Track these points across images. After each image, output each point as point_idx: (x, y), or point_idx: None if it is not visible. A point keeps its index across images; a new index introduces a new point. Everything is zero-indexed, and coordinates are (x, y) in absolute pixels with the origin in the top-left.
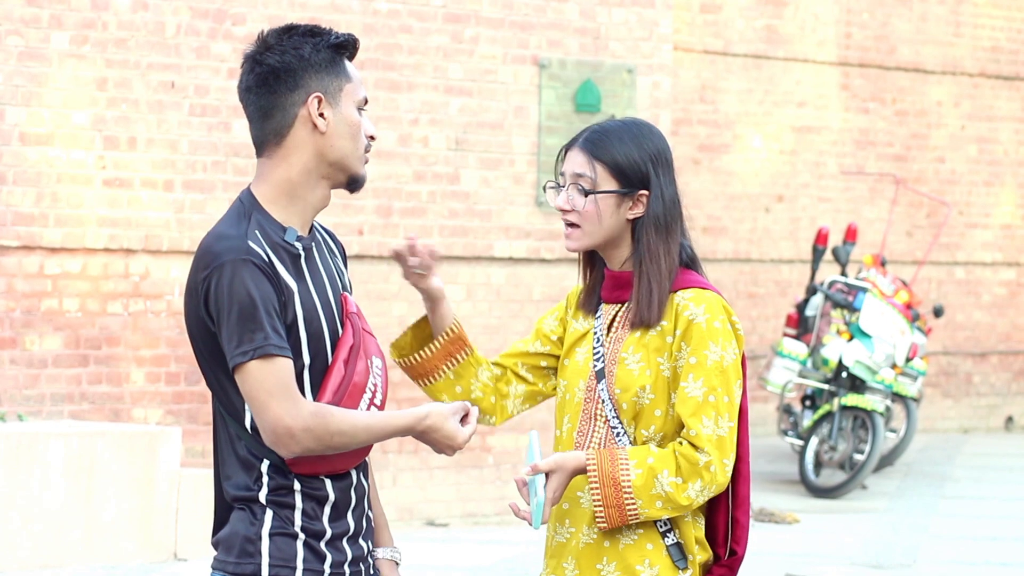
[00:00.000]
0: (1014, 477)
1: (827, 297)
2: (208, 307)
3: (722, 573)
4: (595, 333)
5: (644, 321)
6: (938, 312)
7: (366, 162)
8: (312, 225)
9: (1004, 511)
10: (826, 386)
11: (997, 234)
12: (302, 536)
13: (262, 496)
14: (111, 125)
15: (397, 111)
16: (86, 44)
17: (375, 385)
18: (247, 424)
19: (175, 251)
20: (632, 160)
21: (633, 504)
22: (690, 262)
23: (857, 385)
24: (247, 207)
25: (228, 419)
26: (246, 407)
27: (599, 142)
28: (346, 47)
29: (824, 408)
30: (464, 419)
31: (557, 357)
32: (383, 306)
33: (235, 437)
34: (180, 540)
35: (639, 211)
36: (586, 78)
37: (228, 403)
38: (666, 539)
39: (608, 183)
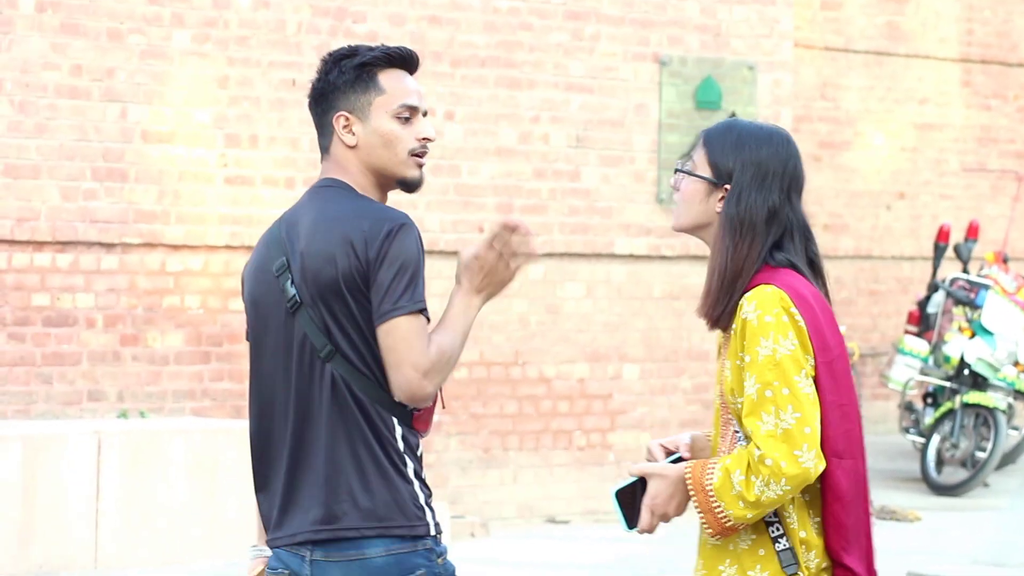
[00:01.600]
0: None
1: (949, 294)
2: (374, 263)
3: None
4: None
5: (701, 315)
6: None
7: (420, 165)
8: None
9: None
10: (948, 383)
11: None
12: (426, 492)
13: (400, 459)
14: (232, 123)
15: (518, 108)
16: (207, 42)
17: None
18: (381, 384)
19: None
20: (726, 155)
21: (719, 506)
22: (797, 270)
23: (979, 382)
24: (358, 193)
25: (366, 386)
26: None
27: (714, 132)
28: (377, 63)
29: (946, 405)
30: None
31: None
32: (504, 303)
33: (368, 412)
34: None
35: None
36: (707, 75)
37: (374, 368)
38: (777, 544)
39: (703, 170)
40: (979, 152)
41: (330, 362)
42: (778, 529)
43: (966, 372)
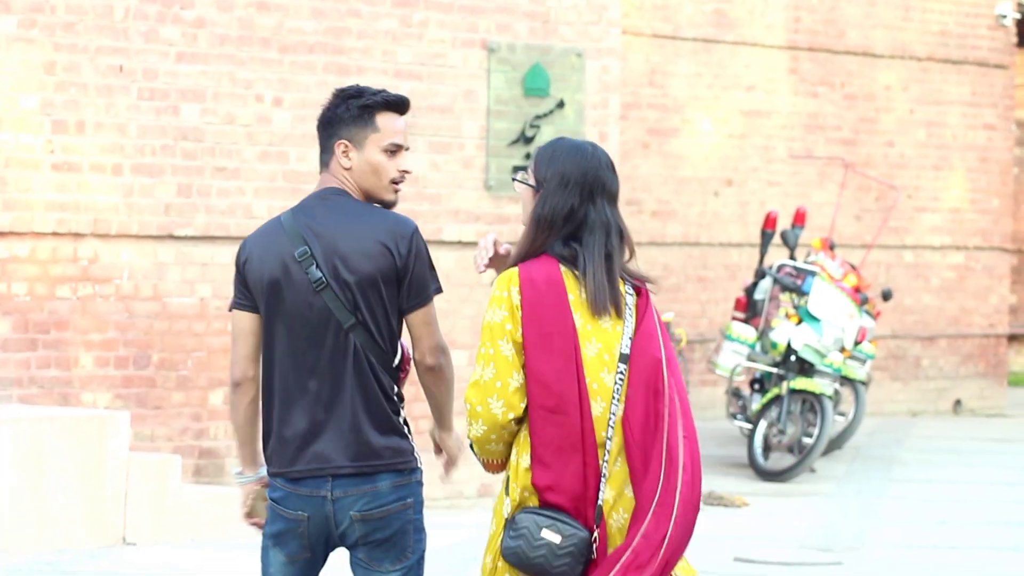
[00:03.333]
0: (962, 460)
1: (776, 281)
2: (407, 260)
3: (546, 501)
4: None
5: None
6: (886, 296)
7: (396, 191)
8: None
9: (952, 494)
10: (775, 370)
11: (945, 218)
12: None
13: (397, 411)
14: (59, 109)
15: None
16: (34, 28)
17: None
18: (389, 353)
19: (124, 235)
20: (542, 167)
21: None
22: (568, 260)
23: (806, 368)
24: (363, 202)
25: (380, 355)
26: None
27: (540, 148)
28: (377, 107)
29: (773, 391)
30: None
31: None
32: None
33: (379, 374)
34: (129, 524)
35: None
36: (535, 62)
37: (387, 341)
38: (507, 471)
39: (532, 179)
40: (806, 139)
41: (352, 333)
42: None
43: (793, 358)
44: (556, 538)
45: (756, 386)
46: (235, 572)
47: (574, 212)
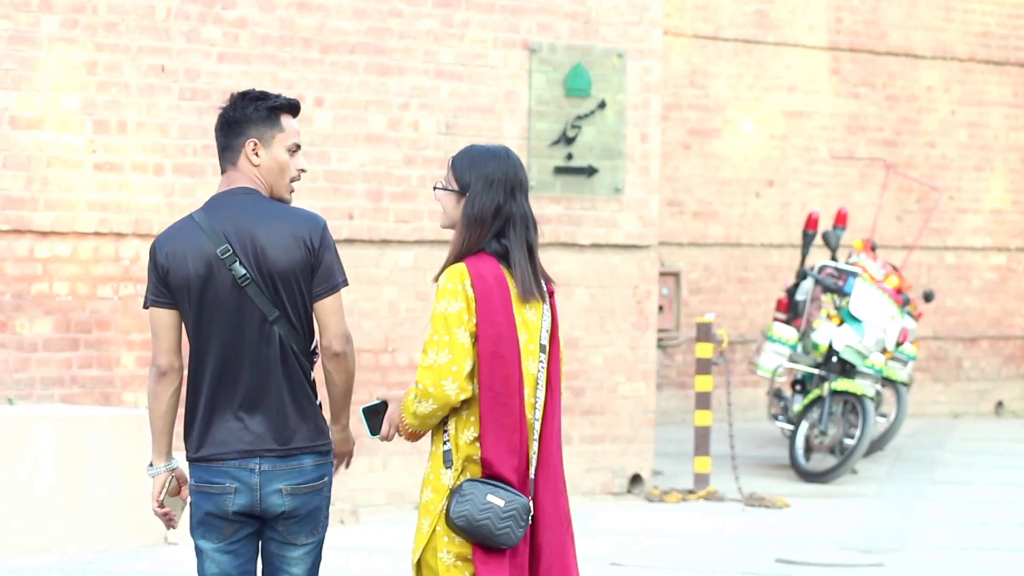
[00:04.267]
0: (1003, 462)
1: (817, 282)
2: (319, 252)
3: (487, 473)
4: None
5: (435, 281)
6: (928, 297)
7: (292, 191)
8: None
9: (993, 496)
10: (816, 371)
11: (987, 219)
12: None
13: (315, 394)
14: (101, 109)
15: (387, 95)
16: (76, 28)
17: None
18: (307, 339)
19: None
20: (464, 172)
21: (404, 417)
22: (500, 256)
23: (847, 370)
24: (270, 199)
25: (300, 343)
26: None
27: (457, 156)
28: (282, 108)
29: (814, 393)
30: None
31: None
32: (373, 290)
33: (301, 362)
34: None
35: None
36: (576, 62)
37: (306, 329)
38: (444, 447)
39: (452, 185)
40: (847, 140)
41: (276, 324)
42: (445, 436)
43: (834, 359)
44: (500, 502)
45: (797, 387)
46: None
47: (500, 209)
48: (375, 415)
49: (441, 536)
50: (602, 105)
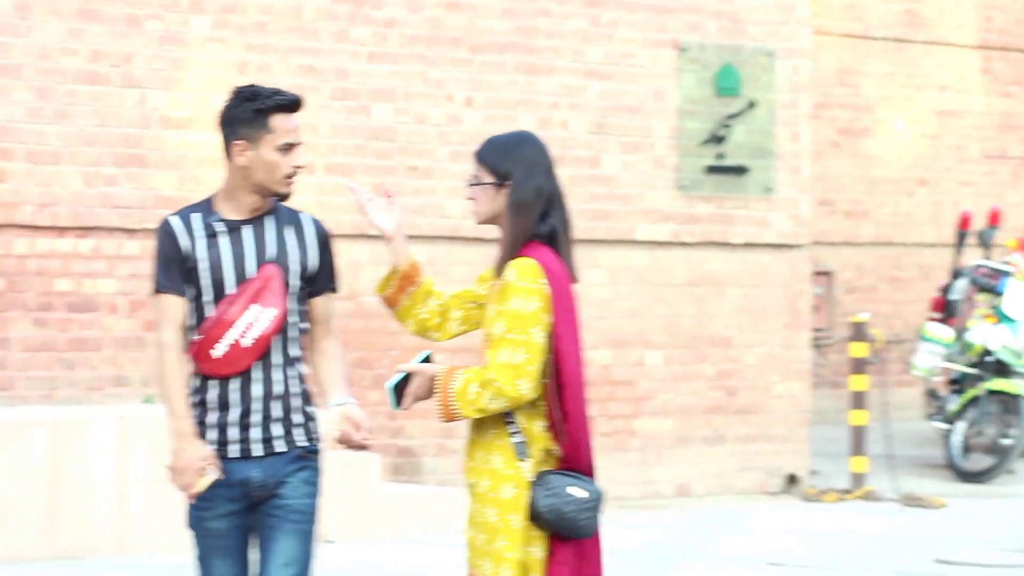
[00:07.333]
0: None
1: (972, 281)
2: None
3: (564, 465)
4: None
5: (499, 270)
6: None
7: (290, 184)
8: (266, 213)
9: None
10: (972, 370)
11: None
12: None
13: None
14: None
15: (537, 95)
16: (226, 28)
17: (249, 325)
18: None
19: None
20: (500, 161)
21: (454, 405)
22: (547, 238)
23: (1003, 369)
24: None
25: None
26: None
27: (484, 150)
28: (270, 109)
29: (970, 392)
30: (198, 471)
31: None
32: None
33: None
34: (328, 522)
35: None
36: (726, 62)
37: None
38: (513, 438)
39: (487, 178)
40: (1000, 139)
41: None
42: (512, 428)
43: (990, 359)
44: (583, 494)
45: (954, 387)
46: (434, 569)
47: (542, 190)
48: (398, 390)
49: (529, 530)
50: (752, 104)
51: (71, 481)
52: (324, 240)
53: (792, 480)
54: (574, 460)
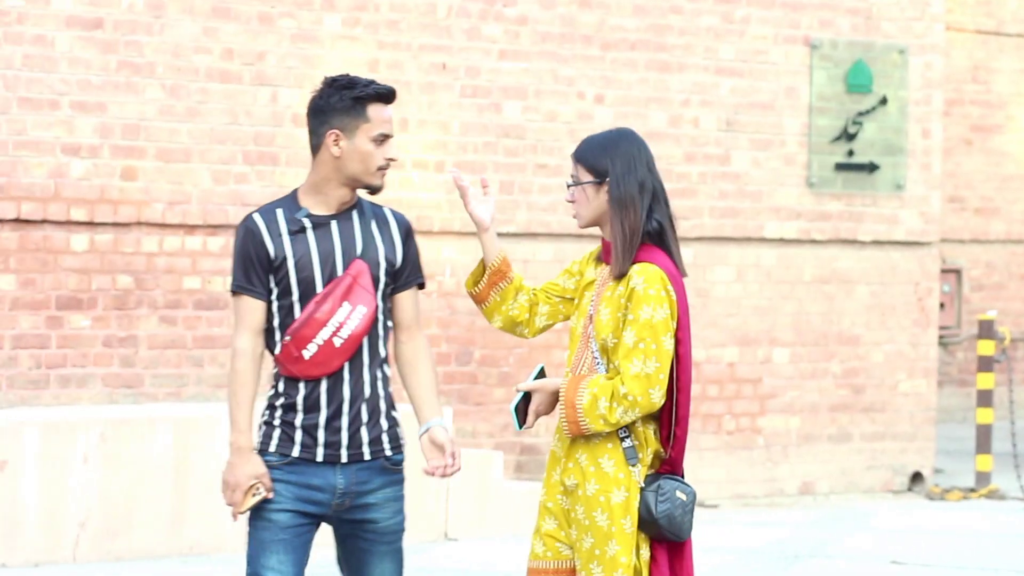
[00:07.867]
0: None
1: None
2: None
3: (665, 468)
4: (597, 283)
5: (616, 272)
6: None
7: (383, 176)
8: (351, 207)
9: None
10: None
11: None
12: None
13: None
14: None
15: (668, 92)
16: (358, 26)
17: (340, 324)
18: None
19: (446, 232)
20: (598, 159)
21: (583, 420)
22: (656, 236)
23: None
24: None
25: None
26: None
27: (581, 150)
28: (368, 98)
29: None
30: (250, 490)
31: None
32: None
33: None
34: (451, 520)
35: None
36: (858, 58)
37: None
38: (624, 443)
39: (586, 178)
40: None
41: None
42: (622, 432)
43: None
44: (684, 496)
45: None
46: None
47: (644, 184)
48: (523, 407)
49: (639, 534)
50: (883, 101)
51: (197, 478)
52: (407, 233)
53: (917, 478)
54: (678, 463)
